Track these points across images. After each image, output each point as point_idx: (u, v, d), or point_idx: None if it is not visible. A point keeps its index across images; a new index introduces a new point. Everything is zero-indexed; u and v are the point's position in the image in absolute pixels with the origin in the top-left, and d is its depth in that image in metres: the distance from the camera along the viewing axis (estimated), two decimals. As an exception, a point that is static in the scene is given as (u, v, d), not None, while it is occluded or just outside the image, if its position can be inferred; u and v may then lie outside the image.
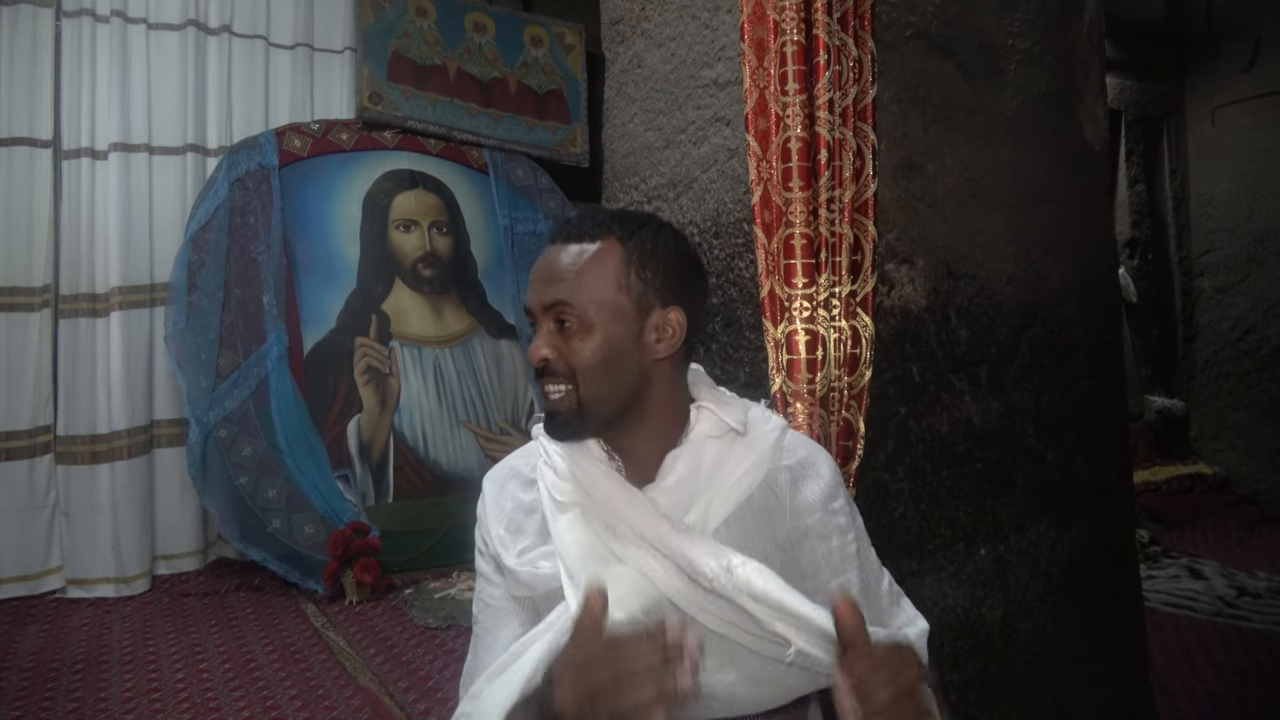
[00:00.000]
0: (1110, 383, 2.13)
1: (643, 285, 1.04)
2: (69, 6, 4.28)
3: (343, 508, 4.11)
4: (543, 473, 1.11)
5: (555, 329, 1.03)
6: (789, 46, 1.50)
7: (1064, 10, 2.05)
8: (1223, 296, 5.82)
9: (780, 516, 1.07)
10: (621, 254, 1.04)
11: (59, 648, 3.35)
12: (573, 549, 1.03)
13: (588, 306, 1.01)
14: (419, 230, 4.87)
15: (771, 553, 1.05)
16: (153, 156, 4.49)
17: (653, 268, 1.05)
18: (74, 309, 4.22)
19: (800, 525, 1.07)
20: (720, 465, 1.06)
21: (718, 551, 0.98)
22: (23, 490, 4.05)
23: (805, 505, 1.08)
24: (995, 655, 1.77)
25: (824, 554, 1.07)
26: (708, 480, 1.05)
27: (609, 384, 1.03)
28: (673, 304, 1.06)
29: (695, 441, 1.07)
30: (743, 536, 1.04)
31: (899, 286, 1.71)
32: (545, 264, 1.05)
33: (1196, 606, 3.55)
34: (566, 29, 5.48)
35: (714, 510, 1.03)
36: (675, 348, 1.06)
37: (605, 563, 1.02)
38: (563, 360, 1.02)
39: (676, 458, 1.05)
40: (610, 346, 1.02)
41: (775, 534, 1.06)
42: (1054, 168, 2.01)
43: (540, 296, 1.03)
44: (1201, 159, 5.96)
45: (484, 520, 1.15)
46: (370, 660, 3.16)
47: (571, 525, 1.05)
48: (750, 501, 1.06)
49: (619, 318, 1.03)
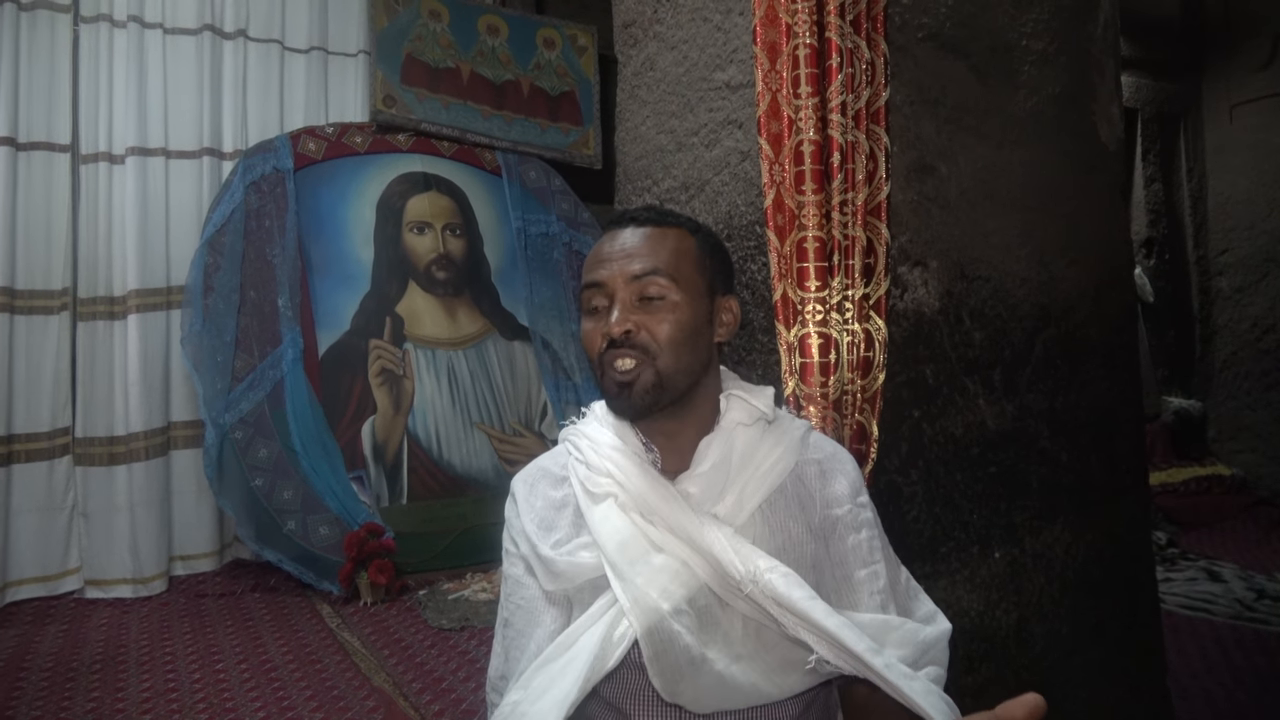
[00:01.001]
0: (1125, 384, 2.12)
1: (712, 271, 1.11)
2: (86, 12, 4.32)
3: (357, 509, 4.13)
4: (574, 468, 1.12)
5: (635, 303, 1.05)
6: (801, 49, 1.49)
7: (1079, 10, 2.03)
8: (1241, 296, 5.77)
9: (811, 506, 1.09)
10: (695, 241, 1.10)
11: (77, 648, 3.38)
12: (612, 537, 1.05)
13: (677, 278, 1.05)
14: (433, 232, 4.89)
15: (805, 538, 1.07)
16: (169, 160, 4.53)
17: (718, 258, 1.13)
18: (92, 312, 4.26)
19: (830, 516, 1.09)
20: (752, 453, 1.08)
21: (747, 554, 0.99)
22: (42, 491, 4.09)
23: (834, 497, 1.10)
24: (1010, 659, 1.76)
25: (853, 545, 1.09)
26: (740, 467, 1.07)
27: (688, 360, 1.06)
28: (730, 295, 1.14)
29: (726, 429, 1.09)
30: (777, 522, 1.07)
31: (912, 289, 1.70)
32: (619, 244, 1.08)
33: (1214, 609, 3.52)
34: (579, 31, 5.48)
35: (747, 497, 1.05)
36: (730, 335, 1.13)
37: (645, 552, 1.03)
38: (645, 332, 1.04)
39: (709, 444, 1.08)
40: (695, 321, 1.06)
41: (809, 520, 1.09)
42: (1068, 168, 2.00)
43: (624, 268, 1.05)
44: (1219, 157, 5.91)
45: (513, 520, 1.15)
46: (385, 661, 3.18)
47: (608, 515, 1.07)
48: (783, 489, 1.08)
49: (699, 297, 1.08)
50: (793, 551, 1.06)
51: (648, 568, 1.02)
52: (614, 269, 1.06)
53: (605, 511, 1.07)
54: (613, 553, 1.04)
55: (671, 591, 1.00)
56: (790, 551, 1.06)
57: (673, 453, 1.10)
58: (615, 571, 1.03)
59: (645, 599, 1.00)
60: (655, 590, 1.00)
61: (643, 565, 1.02)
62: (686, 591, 1.01)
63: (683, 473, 1.08)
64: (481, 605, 3.67)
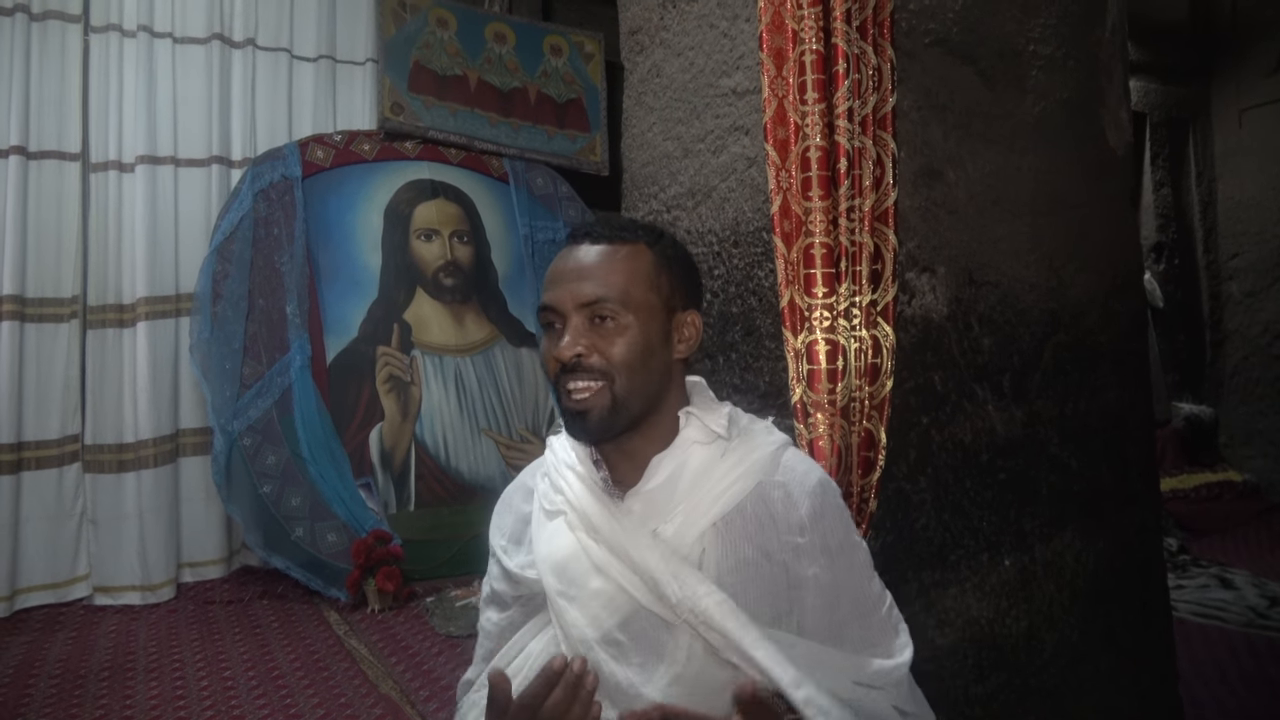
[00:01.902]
0: (1136, 390, 2.10)
1: (669, 288, 1.08)
2: (97, 21, 4.35)
3: (365, 516, 4.13)
4: (539, 482, 1.14)
5: (587, 326, 1.03)
6: (808, 55, 1.49)
7: (1086, 15, 2.03)
8: (1252, 301, 5.74)
9: (771, 529, 1.05)
10: (651, 256, 1.07)
11: (86, 655, 3.39)
12: (550, 558, 1.06)
13: (627, 302, 1.03)
14: (440, 239, 4.90)
15: (759, 560, 1.04)
16: (178, 168, 4.55)
17: (676, 272, 1.09)
18: (101, 319, 4.28)
19: (790, 542, 1.05)
20: (707, 472, 1.06)
21: (684, 577, 0.98)
22: (51, 499, 4.10)
23: (796, 524, 1.05)
24: (1020, 667, 1.75)
25: (812, 575, 1.05)
26: (691, 486, 1.05)
27: (642, 380, 1.04)
28: (691, 308, 1.11)
29: (680, 446, 1.07)
30: (732, 542, 1.04)
31: (920, 295, 1.69)
32: (573, 262, 1.06)
33: (1227, 617, 3.49)
34: (586, 38, 5.50)
35: (698, 516, 1.03)
36: (692, 350, 1.10)
37: (585, 574, 1.03)
38: (598, 356, 1.02)
39: (660, 462, 1.06)
40: (647, 343, 1.04)
41: (766, 544, 1.05)
42: (1077, 173, 1.99)
43: (573, 292, 1.03)
44: (1229, 162, 5.89)
45: (491, 536, 1.20)
46: (392, 668, 3.17)
47: (555, 534, 1.08)
48: (742, 509, 1.05)
49: (653, 316, 1.05)
50: (744, 572, 1.03)
51: (583, 592, 1.02)
52: (565, 291, 1.04)
53: (554, 529, 1.08)
54: (549, 574, 1.05)
55: (602, 620, 1.01)
56: (741, 572, 1.03)
57: (630, 470, 1.09)
58: (550, 594, 1.05)
59: (575, 628, 1.02)
60: (586, 618, 1.01)
61: (579, 589, 1.03)
62: (620, 618, 1.01)
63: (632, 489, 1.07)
64: (489, 612, 3.67)
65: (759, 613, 1.01)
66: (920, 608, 1.63)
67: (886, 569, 1.57)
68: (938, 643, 1.64)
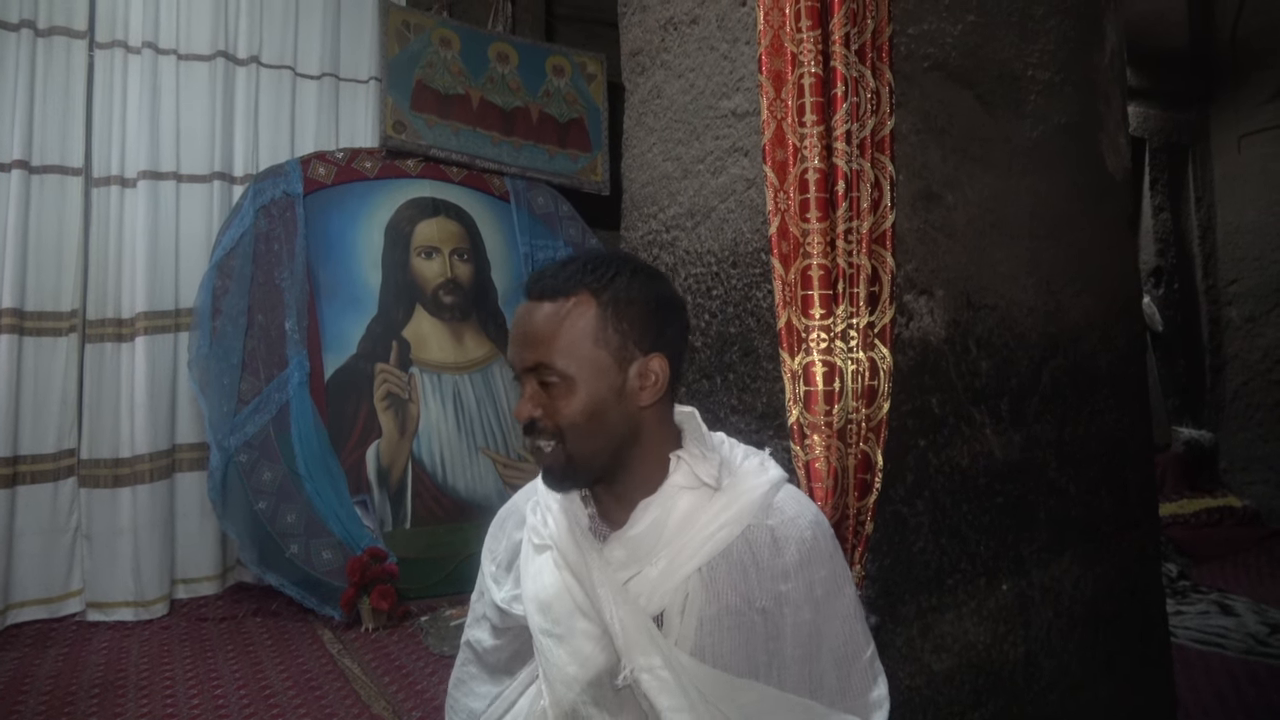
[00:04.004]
0: (1134, 415, 2.10)
1: (620, 337, 1.02)
2: (102, 38, 4.37)
3: (360, 534, 4.11)
4: (529, 512, 1.13)
5: (539, 388, 1.02)
6: (806, 78, 1.50)
7: (1084, 41, 2.04)
8: (1251, 326, 5.74)
9: (755, 575, 1.03)
10: (595, 308, 1.02)
11: (77, 672, 3.36)
12: (537, 596, 1.06)
13: (568, 366, 1.00)
14: (440, 257, 4.91)
15: (743, 609, 1.02)
16: (180, 184, 4.56)
17: (629, 317, 1.03)
18: (100, 334, 4.27)
19: (775, 590, 1.03)
20: (693, 517, 1.03)
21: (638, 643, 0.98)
22: (45, 513, 4.08)
23: (781, 570, 1.03)
24: (1017, 694, 1.73)
25: (795, 624, 1.03)
26: (676, 532, 1.03)
27: (595, 439, 1.02)
28: (653, 351, 1.04)
29: (667, 492, 1.05)
30: (716, 588, 1.02)
31: (918, 318, 1.69)
32: (521, 324, 1.04)
33: (1227, 644, 3.46)
34: (588, 59, 5.53)
35: (681, 562, 1.01)
36: (660, 394, 1.05)
37: (571, 613, 1.02)
38: (548, 418, 1.01)
39: (646, 508, 1.05)
40: (594, 402, 1.01)
41: (749, 591, 1.03)
42: (1075, 198, 2.00)
43: (520, 358, 1.03)
44: (1228, 187, 5.91)
45: (482, 561, 1.20)
46: (385, 688, 3.15)
47: (540, 571, 1.07)
48: (728, 554, 1.03)
49: (600, 373, 1.01)
50: (725, 620, 1.01)
51: (571, 631, 1.01)
52: (515, 354, 1.04)
53: (540, 565, 1.07)
54: (534, 612, 1.05)
55: (595, 659, 1.00)
56: (722, 620, 1.01)
57: (618, 510, 1.08)
58: (535, 632, 1.04)
59: (559, 668, 1.02)
60: (575, 660, 1.01)
61: (565, 628, 1.02)
62: (608, 658, 1.01)
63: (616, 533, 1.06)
64: (484, 632, 3.64)
65: (735, 664, 1.00)
66: (917, 632, 1.61)
67: (883, 593, 1.56)
68: (934, 668, 1.62)
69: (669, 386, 1.06)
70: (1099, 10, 2.09)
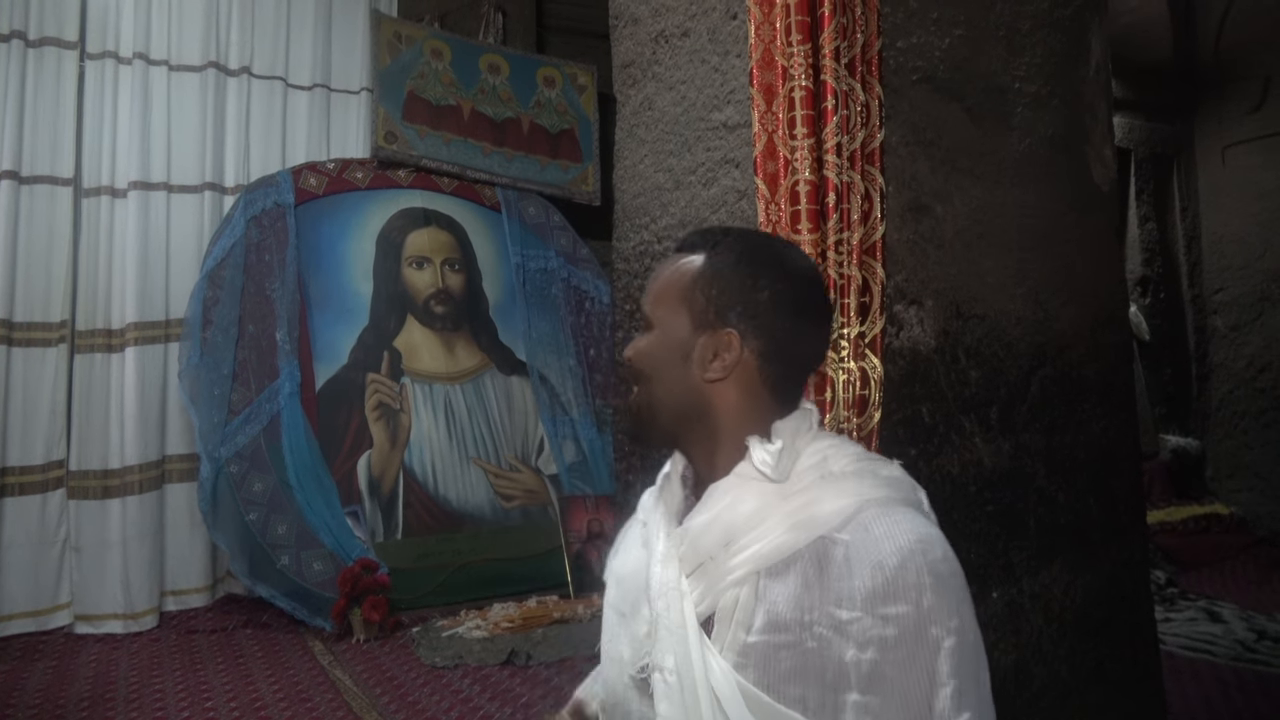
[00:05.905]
0: (1122, 424, 2.12)
1: (705, 302, 0.97)
2: (93, 48, 4.38)
3: (352, 544, 4.10)
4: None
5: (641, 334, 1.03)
6: (797, 91, 1.51)
7: (1071, 54, 2.07)
8: (1236, 335, 5.79)
9: (819, 595, 0.87)
10: (698, 268, 0.99)
11: (65, 685, 3.33)
12: (617, 570, 1.05)
13: (653, 311, 1.01)
14: (432, 267, 4.92)
15: (792, 624, 0.88)
16: (171, 195, 4.56)
17: (720, 286, 0.97)
18: (90, 344, 4.26)
19: (831, 615, 0.86)
20: (760, 515, 0.92)
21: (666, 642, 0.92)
22: (34, 525, 4.06)
23: (845, 594, 0.85)
24: (1009, 701, 1.75)
25: (852, 662, 0.84)
26: (741, 529, 0.92)
27: (656, 393, 0.99)
28: (737, 328, 0.96)
29: (733, 480, 0.96)
30: (772, 593, 0.89)
31: (908, 328, 1.71)
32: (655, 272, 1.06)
33: (1215, 650, 3.49)
34: (579, 70, 5.56)
35: (736, 563, 0.91)
36: (728, 372, 0.96)
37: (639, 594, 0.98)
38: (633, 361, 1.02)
39: (712, 495, 0.96)
40: (656, 355, 0.99)
41: (806, 612, 0.87)
42: (1062, 209, 2.02)
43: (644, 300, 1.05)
44: (1212, 198, 5.98)
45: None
46: (376, 700, 3.13)
47: (629, 546, 1.07)
48: (792, 563, 0.89)
49: (672, 330, 0.98)
50: (775, 638, 0.87)
51: (634, 613, 0.98)
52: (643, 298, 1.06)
53: (631, 539, 1.07)
54: (612, 585, 1.04)
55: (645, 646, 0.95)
56: (767, 633, 0.88)
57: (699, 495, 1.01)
58: (606, 607, 1.04)
59: (616, 649, 1.00)
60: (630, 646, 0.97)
61: (631, 607, 1.00)
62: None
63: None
64: (475, 643, 3.63)
65: (782, 689, 0.86)
66: (909, 640, 1.62)
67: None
68: (926, 676, 1.63)
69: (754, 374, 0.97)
70: (1084, 24, 2.12)
